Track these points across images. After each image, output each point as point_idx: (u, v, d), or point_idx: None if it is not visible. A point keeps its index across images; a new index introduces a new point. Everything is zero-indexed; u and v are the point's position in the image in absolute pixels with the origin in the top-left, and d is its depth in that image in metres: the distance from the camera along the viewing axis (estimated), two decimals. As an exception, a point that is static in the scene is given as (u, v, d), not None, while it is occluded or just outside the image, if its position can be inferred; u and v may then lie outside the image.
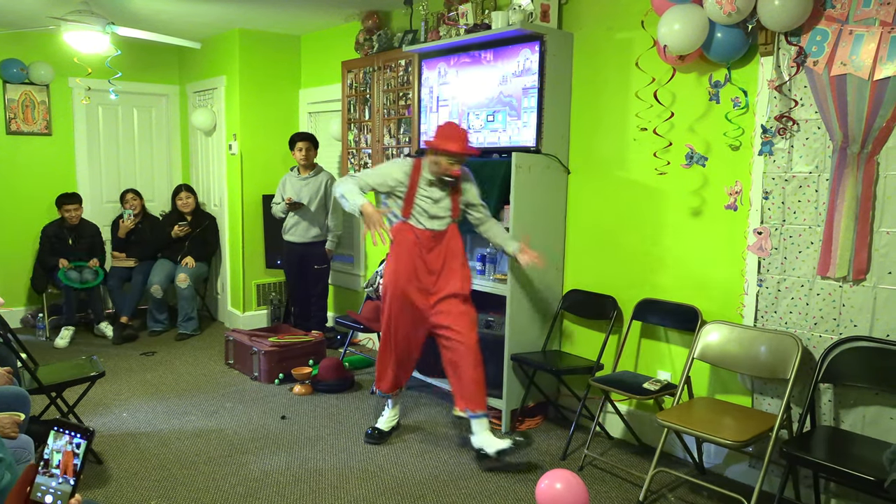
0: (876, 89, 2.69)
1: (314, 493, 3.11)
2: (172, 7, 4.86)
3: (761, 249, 3.08)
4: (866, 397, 2.81)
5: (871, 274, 2.77)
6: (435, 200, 3.41)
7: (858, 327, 2.81)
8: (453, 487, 3.18)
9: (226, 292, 6.17)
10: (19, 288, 5.94)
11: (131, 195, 6.01)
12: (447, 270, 3.45)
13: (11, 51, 5.70)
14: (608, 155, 3.73)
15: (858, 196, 2.76)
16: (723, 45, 3.03)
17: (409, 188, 3.40)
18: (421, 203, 3.40)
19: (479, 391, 3.38)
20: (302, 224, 5.11)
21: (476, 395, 3.37)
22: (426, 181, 3.40)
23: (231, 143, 5.82)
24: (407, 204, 3.42)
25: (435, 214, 3.41)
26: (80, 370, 3.54)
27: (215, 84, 6.00)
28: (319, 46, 5.76)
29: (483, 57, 3.98)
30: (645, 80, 3.39)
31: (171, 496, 3.07)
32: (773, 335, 3.00)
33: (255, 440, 3.68)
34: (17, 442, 2.41)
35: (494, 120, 3.97)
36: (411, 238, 3.42)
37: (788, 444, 2.69)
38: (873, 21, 2.69)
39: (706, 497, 3.10)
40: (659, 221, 3.53)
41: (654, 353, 3.61)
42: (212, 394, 4.41)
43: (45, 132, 5.97)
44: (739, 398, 3.21)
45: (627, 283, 3.68)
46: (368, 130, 5.10)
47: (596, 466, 3.41)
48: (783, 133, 2.97)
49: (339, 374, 4.51)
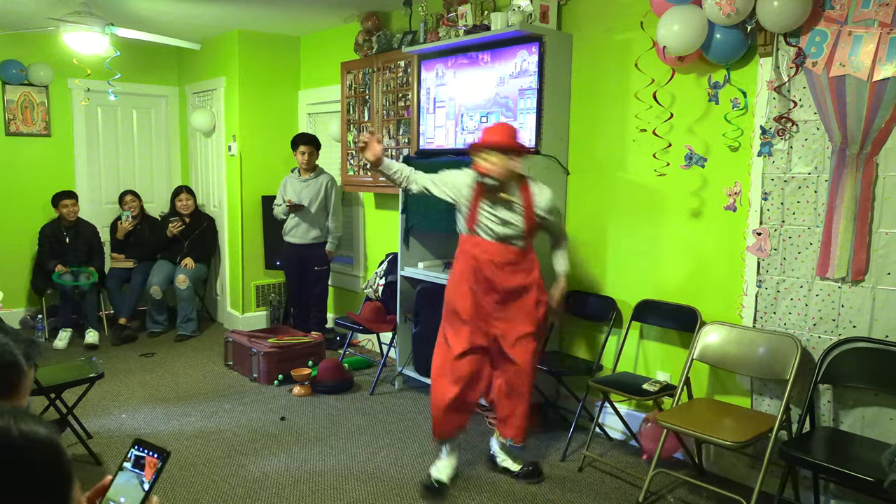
0: (875, 90, 2.70)
1: (313, 494, 3.11)
2: (172, 8, 4.86)
3: (760, 250, 3.09)
4: (865, 398, 2.81)
5: (869, 275, 2.77)
6: (500, 217, 3.03)
7: (857, 328, 2.81)
8: (453, 488, 3.17)
9: (225, 293, 6.17)
10: (19, 289, 5.93)
11: (130, 197, 6.01)
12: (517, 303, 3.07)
13: (11, 52, 5.69)
14: (607, 156, 3.73)
15: (857, 197, 2.76)
16: (722, 46, 3.03)
17: (473, 200, 3.06)
18: (484, 217, 3.04)
19: (525, 424, 3.22)
20: (302, 225, 5.11)
21: (522, 428, 3.21)
22: (487, 196, 3.04)
23: (230, 144, 5.82)
24: (471, 215, 3.07)
25: (506, 221, 3.02)
26: (80, 371, 3.54)
27: (215, 85, 6.00)
28: (319, 47, 5.76)
29: (480, 58, 3.98)
30: (644, 81, 3.39)
31: (170, 497, 3.06)
32: (772, 336, 3.00)
33: (255, 441, 3.68)
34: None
35: (488, 121, 3.99)
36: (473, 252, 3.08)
37: (788, 444, 2.69)
38: (872, 22, 2.69)
39: (705, 498, 3.10)
40: (658, 222, 3.53)
41: (654, 354, 3.61)
42: (211, 395, 4.41)
43: (45, 133, 5.97)
44: (739, 399, 3.21)
45: (627, 284, 3.68)
46: (368, 131, 5.10)
47: (595, 467, 3.41)
48: (782, 134, 2.97)
49: (338, 376, 4.51)
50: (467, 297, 3.09)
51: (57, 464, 0.98)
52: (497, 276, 3.04)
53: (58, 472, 0.98)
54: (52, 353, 5.22)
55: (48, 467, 0.97)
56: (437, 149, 4.27)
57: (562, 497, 3.11)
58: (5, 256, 5.83)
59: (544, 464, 3.42)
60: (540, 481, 3.24)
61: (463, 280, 3.11)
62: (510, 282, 3.04)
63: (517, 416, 3.17)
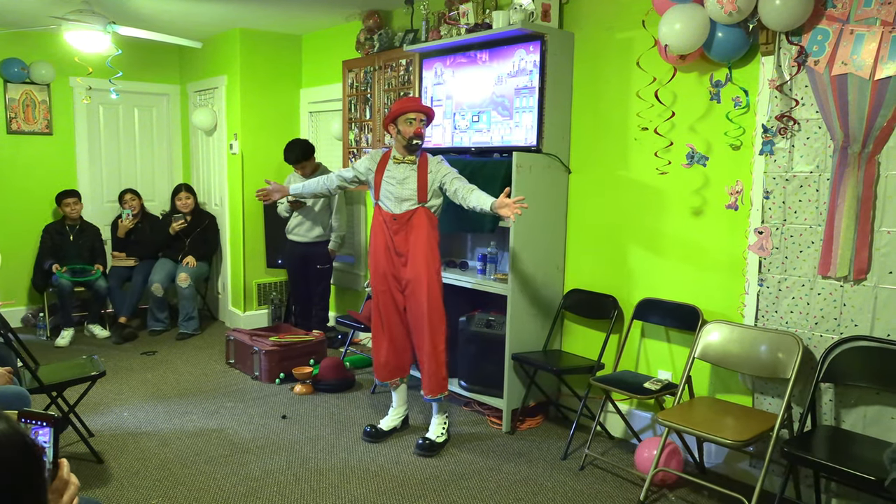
0: (877, 89, 2.69)
1: (315, 492, 3.11)
2: (173, 6, 4.86)
3: (762, 249, 3.08)
4: (867, 397, 2.81)
5: (871, 273, 2.77)
6: (400, 181, 3.48)
7: (859, 327, 2.81)
8: (454, 487, 3.18)
9: (226, 292, 6.17)
10: (20, 287, 5.94)
11: (130, 195, 6.01)
12: (412, 255, 3.49)
13: (12, 50, 5.70)
14: (609, 154, 3.73)
15: (859, 196, 2.76)
16: (724, 45, 3.03)
17: (377, 172, 3.57)
18: (387, 186, 3.51)
19: (433, 380, 3.58)
20: (305, 224, 5.12)
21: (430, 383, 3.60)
22: (393, 162, 3.54)
23: (232, 142, 5.82)
24: (376, 187, 3.57)
25: (400, 196, 3.48)
26: (81, 370, 3.54)
27: (216, 83, 6.00)
28: (320, 46, 5.76)
29: (479, 57, 3.98)
30: (646, 79, 3.39)
31: (171, 495, 3.07)
32: (773, 335, 2.99)
33: (256, 440, 3.69)
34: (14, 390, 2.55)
35: (479, 120, 4.00)
36: (380, 220, 3.57)
37: (789, 443, 2.69)
38: (874, 21, 2.69)
39: (707, 497, 3.10)
40: (660, 221, 3.53)
41: (655, 353, 3.61)
42: (212, 393, 4.41)
43: (46, 132, 5.97)
44: (740, 398, 3.21)
45: (628, 283, 3.68)
46: (369, 130, 5.10)
47: (597, 466, 3.41)
48: (784, 133, 2.97)
49: (339, 374, 4.51)
50: None
51: (25, 459, 0.98)
52: (395, 238, 3.60)
53: (26, 467, 0.97)
54: (53, 351, 5.23)
55: (15, 462, 0.96)
56: (434, 147, 4.27)
57: (563, 496, 3.11)
58: (7, 254, 5.83)
59: (545, 463, 3.42)
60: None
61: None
62: (405, 243, 3.56)
63: (423, 373, 3.63)
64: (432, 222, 3.51)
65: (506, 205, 3.13)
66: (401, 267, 3.53)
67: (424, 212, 3.47)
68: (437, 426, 3.64)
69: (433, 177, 3.48)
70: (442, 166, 3.52)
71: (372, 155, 3.66)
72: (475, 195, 3.34)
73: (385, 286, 3.58)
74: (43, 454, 1.04)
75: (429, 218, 3.49)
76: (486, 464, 3.41)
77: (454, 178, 3.46)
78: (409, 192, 3.47)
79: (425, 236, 3.47)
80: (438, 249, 3.55)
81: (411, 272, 3.49)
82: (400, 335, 3.65)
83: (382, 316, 3.63)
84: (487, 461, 3.44)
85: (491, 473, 3.32)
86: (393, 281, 3.57)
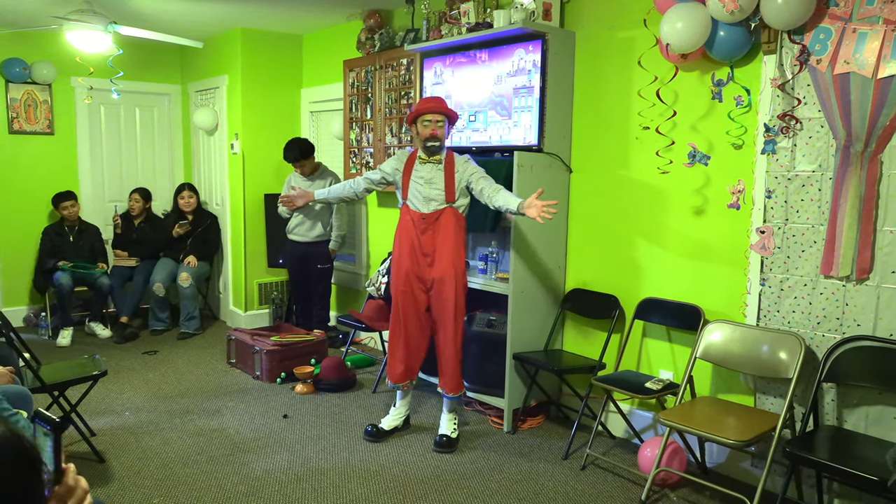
0: (879, 88, 2.68)
1: (316, 492, 3.11)
2: (174, 6, 4.86)
3: (764, 248, 3.08)
4: (869, 397, 2.80)
5: (874, 273, 2.76)
6: (427, 180, 3.48)
7: (861, 326, 2.80)
8: (455, 487, 3.17)
9: (228, 291, 6.17)
10: (22, 287, 5.95)
11: (134, 195, 6.00)
12: (438, 255, 3.49)
13: (14, 50, 5.70)
14: (610, 154, 3.72)
15: (862, 195, 2.75)
16: (725, 44, 3.02)
17: (405, 172, 3.57)
18: (415, 185, 3.52)
19: (454, 378, 3.62)
20: (306, 223, 5.12)
21: (450, 380, 3.64)
22: (419, 162, 3.53)
23: (233, 142, 5.82)
24: (404, 187, 3.57)
25: (428, 196, 3.48)
26: (83, 369, 3.54)
27: (217, 83, 6.00)
28: (321, 45, 5.76)
29: (479, 57, 3.98)
30: (647, 78, 3.39)
31: (172, 495, 3.07)
32: (775, 334, 2.99)
33: (257, 439, 3.68)
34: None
35: (476, 120, 3.99)
36: (407, 220, 3.55)
37: (791, 443, 2.68)
38: (877, 19, 2.68)
39: (708, 497, 3.10)
40: (661, 220, 3.52)
41: (657, 353, 3.60)
42: (214, 393, 4.41)
43: (48, 131, 5.98)
44: (742, 398, 3.21)
45: (629, 283, 3.68)
46: (370, 129, 5.10)
47: (598, 466, 3.40)
48: (786, 132, 2.96)
49: (340, 374, 4.51)
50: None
51: (20, 459, 0.97)
52: (422, 238, 3.58)
53: (22, 467, 0.97)
54: (55, 350, 5.23)
55: (10, 463, 0.96)
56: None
57: (564, 495, 3.10)
58: (8, 254, 5.84)
59: (547, 462, 3.41)
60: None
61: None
62: (431, 242, 3.57)
63: (442, 369, 3.67)
64: (459, 223, 3.51)
65: (534, 205, 3.09)
66: (426, 267, 3.51)
67: (452, 212, 3.47)
68: (449, 422, 3.65)
69: (460, 176, 3.47)
70: (469, 165, 3.49)
71: (398, 155, 3.66)
72: (502, 195, 3.32)
73: (407, 286, 3.55)
74: (41, 459, 1.04)
75: (456, 218, 3.49)
76: (487, 463, 3.41)
77: (481, 177, 3.44)
78: (436, 191, 3.47)
79: (452, 237, 3.47)
80: (465, 251, 3.57)
81: (438, 272, 3.48)
82: (416, 337, 3.63)
83: (401, 317, 3.60)
84: (489, 461, 3.44)
85: (492, 473, 3.32)
86: (416, 281, 3.54)
